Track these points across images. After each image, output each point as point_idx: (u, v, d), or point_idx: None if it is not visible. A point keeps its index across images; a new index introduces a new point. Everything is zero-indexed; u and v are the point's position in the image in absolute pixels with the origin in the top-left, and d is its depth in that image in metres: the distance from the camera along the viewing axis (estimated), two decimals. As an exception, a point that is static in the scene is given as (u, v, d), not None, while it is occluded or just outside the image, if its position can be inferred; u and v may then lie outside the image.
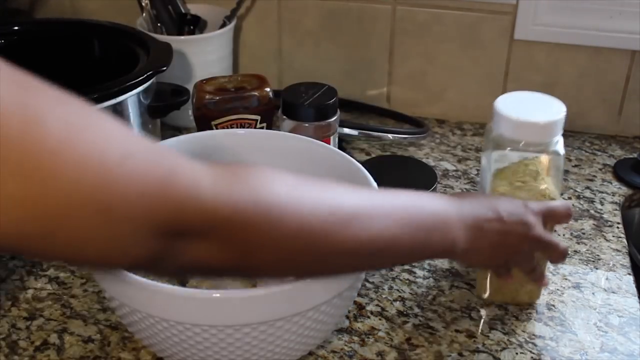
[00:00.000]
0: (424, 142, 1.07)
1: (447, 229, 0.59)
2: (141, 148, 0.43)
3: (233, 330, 0.59)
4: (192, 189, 0.45)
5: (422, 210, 0.58)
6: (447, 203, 0.60)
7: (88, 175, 0.39)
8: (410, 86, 1.13)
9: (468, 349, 0.72)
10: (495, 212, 0.62)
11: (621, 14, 1.01)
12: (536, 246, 0.67)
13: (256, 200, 0.47)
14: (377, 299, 0.78)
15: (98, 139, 0.41)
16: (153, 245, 0.44)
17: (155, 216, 0.43)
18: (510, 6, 1.04)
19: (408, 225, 0.56)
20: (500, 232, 0.62)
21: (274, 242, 0.49)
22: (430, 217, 0.58)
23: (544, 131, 0.70)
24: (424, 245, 0.58)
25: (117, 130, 0.43)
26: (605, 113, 1.08)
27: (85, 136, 0.40)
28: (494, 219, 0.62)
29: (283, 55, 1.15)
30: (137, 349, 0.71)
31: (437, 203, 0.60)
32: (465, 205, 0.62)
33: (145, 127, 0.92)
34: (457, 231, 0.59)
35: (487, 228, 0.61)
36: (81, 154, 0.39)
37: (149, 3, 1.07)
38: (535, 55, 1.06)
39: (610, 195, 0.96)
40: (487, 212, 0.62)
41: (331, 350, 0.71)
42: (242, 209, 0.47)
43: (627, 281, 0.81)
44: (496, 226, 0.62)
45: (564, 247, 0.69)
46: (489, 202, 0.64)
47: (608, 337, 0.73)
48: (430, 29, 1.08)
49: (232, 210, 0.46)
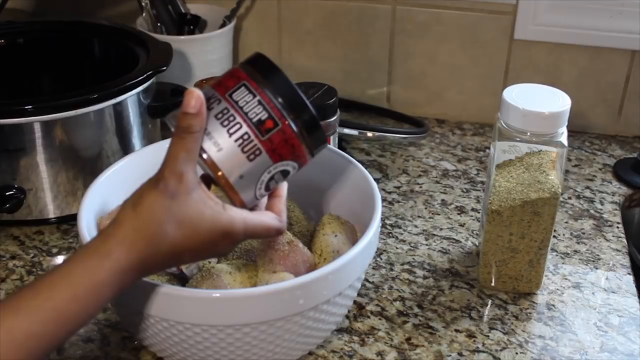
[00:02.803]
0: (424, 142, 1.07)
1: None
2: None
3: (233, 330, 0.59)
4: None
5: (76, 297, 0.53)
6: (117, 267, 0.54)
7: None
8: (410, 86, 1.13)
9: (468, 348, 0.72)
10: (182, 257, 0.57)
11: (621, 14, 1.01)
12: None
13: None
14: (377, 299, 0.78)
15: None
16: None
17: None
18: (510, 6, 1.04)
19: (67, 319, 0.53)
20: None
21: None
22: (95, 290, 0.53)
23: (549, 121, 0.72)
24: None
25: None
26: (605, 113, 1.08)
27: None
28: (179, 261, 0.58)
29: (283, 55, 1.15)
30: (137, 349, 0.71)
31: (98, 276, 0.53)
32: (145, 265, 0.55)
33: (145, 127, 0.92)
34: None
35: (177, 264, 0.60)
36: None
37: (149, 3, 1.08)
38: (535, 55, 1.06)
39: (610, 195, 0.96)
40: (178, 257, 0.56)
41: (331, 350, 0.71)
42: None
43: (627, 281, 0.81)
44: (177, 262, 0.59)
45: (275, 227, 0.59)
46: (172, 258, 0.56)
47: (608, 337, 0.73)
48: (430, 29, 1.08)
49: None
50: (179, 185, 0.54)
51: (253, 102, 0.56)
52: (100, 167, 0.78)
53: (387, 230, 0.88)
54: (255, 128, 0.55)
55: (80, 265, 0.53)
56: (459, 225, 0.90)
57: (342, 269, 0.62)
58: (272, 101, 0.56)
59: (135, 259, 0.54)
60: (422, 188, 0.97)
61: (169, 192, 0.54)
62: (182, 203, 0.54)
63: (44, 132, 0.83)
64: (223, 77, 0.58)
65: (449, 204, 0.93)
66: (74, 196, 0.87)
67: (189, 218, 0.54)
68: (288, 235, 0.68)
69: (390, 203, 0.94)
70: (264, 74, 0.56)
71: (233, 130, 0.55)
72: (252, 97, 0.56)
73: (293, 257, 0.67)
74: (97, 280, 0.53)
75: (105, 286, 0.53)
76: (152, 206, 0.54)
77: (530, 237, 0.74)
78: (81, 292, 0.52)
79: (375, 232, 0.66)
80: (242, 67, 0.57)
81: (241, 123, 0.55)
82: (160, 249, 0.54)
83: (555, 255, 0.85)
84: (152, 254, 0.54)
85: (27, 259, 0.83)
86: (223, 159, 0.55)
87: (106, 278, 0.53)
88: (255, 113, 0.55)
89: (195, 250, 0.55)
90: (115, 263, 0.53)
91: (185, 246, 0.55)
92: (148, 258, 0.54)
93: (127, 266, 0.54)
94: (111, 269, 0.53)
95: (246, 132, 0.55)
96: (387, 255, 0.84)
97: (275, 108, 0.56)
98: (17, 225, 0.87)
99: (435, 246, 0.86)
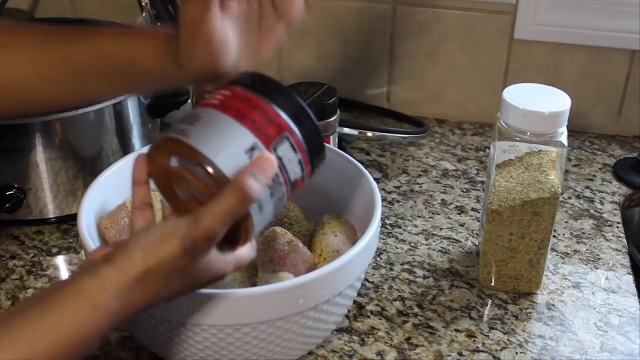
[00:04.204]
0: (424, 142, 1.07)
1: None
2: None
3: (233, 330, 0.59)
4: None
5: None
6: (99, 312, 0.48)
7: None
8: (410, 86, 1.13)
9: (468, 348, 0.72)
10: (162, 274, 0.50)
11: (621, 14, 1.01)
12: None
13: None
14: (377, 299, 0.78)
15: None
16: None
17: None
18: (510, 6, 1.04)
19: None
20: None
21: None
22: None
23: (549, 121, 0.72)
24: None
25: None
26: (605, 113, 1.08)
27: None
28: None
29: (283, 55, 1.15)
30: (137, 349, 0.71)
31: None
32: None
33: (145, 127, 0.92)
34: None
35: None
36: None
37: (149, 3, 1.07)
38: (535, 55, 1.06)
39: (610, 195, 0.96)
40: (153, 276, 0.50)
41: (331, 350, 0.71)
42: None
43: (627, 281, 0.81)
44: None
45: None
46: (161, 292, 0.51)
47: (608, 337, 0.73)
48: (430, 29, 1.08)
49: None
50: (206, 247, 0.49)
51: (294, 162, 0.51)
52: (100, 167, 0.78)
53: (387, 230, 0.88)
54: (290, 188, 0.51)
55: (68, 310, 0.48)
56: (459, 225, 0.90)
57: (342, 269, 0.62)
58: (307, 156, 0.51)
59: (130, 313, 0.50)
60: (422, 188, 0.97)
61: (194, 253, 0.48)
62: (198, 265, 0.50)
63: (44, 132, 0.83)
64: (259, 116, 0.50)
65: (449, 204, 0.93)
66: (74, 196, 0.87)
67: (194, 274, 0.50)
68: (288, 235, 0.68)
69: (390, 203, 0.94)
70: (298, 121, 0.51)
71: (275, 192, 0.50)
72: (294, 154, 0.51)
73: (293, 257, 0.67)
74: (84, 330, 0.48)
75: (93, 336, 0.48)
76: (169, 265, 0.49)
77: (531, 237, 0.74)
78: (64, 342, 0.47)
79: (375, 232, 0.66)
80: (277, 107, 0.51)
81: (282, 185, 0.50)
82: (154, 302, 0.51)
83: (556, 255, 0.85)
84: (145, 306, 0.50)
85: (27, 259, 0.83)
86: (260, 222, 0.50)
87: (94, 328, 0.48)
88: (294, 174, 0.51)
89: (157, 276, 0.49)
90: (110, 317, 0.48)
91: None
92: (138, 310, 0.50)
93: (122, 317, 0.49)
94: (103, 321, 0.48)
95: (284, 193, 0.51)
96: (387, 255, 0.84)
97: (308, 164, 0.51)
98: (17, 225, 0.87)
99: (435, 246, 0.86)
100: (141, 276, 0.48)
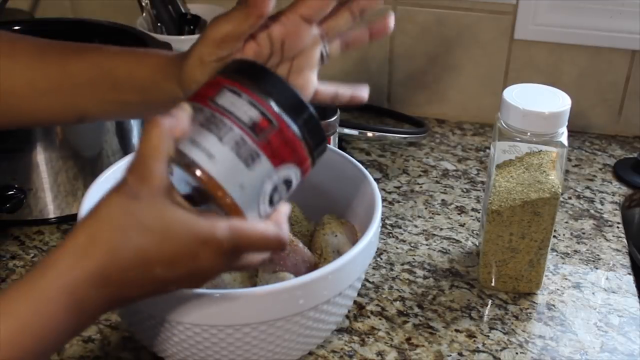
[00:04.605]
0: (424, 142, 1.07)
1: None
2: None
3: (233, 330, 0.59)
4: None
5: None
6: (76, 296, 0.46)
7: None
8: (410, 86, 1.13)
9: (468, 348, 0.72)
10: (151, 275, 0.48)
11: (621, 14, 1.01)
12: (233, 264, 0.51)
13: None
14: (377, 299, 0.78)
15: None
16: None
17: None
18: (510, 6, 1.04)
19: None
20: (159, 290, 0.50)
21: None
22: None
23: (549, 121, 0.72)
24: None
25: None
26: (605, 113, 1.08)
27: None
28: (147, 283, 0.48)
29: (283, 55, 1.15)
30: (137, 349, 0.71)
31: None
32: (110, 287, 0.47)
33: (145, 127, 0.92)
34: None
35: (138, 295, 0.49)
36: None
37: (149, 3, 1.08)
38: (535, 55, 1.06)
39: (610, 195, 0.96)
40: (138, 280, 0.48)
41: (331, 350, 0.71)
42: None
43: (627, 281, 0.81)
44: (152, 288, 0.49)
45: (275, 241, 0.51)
46: (143, 265, 0.47)
47: (608, 337, 0.73)
48: (430, 29, 1.08)
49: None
50: (142, 186, 0.46)
51: (241, 103, 0.50)
52: (100, 167, 0.78)
53: (387, 230, 0.88)
54: (248, 129, 0.49)
55: (23, 286, 0.46)
56: (459, 225, 0.90)
57: (342, 269, 0.62)
58: (264, 100, 0.50)
59: (91, 268, 0.46)
60: (422, 188, 0.97)
61: (130, 193, 0.46)
62: (147, 205, 0.46)
63: (44, 132, 0.83)
64: (199, 89, 0.51)
65: (449, 204, 0.93)
66: (74, 196, 0.87)
67: (157, 221, 0.46)
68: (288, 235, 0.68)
69: (390, 203, 0.94)
70: (249, 75, 0.51)
71: (224, 135, 0.48)
72: (238, 97, 0.50)
73: (293, 257, 0.67)
74: (42, 298, 0.45)
75: (53, 304, 0.45)
76: (111, 209, 0.46)
77: (531, 237, 0.74)
78: (27, 319, 0.45)
79: (375, 232, 0.66)
80: (220, 74, 0.52)
81: (232, 126, 0.49)
82: (122, 257, 0.46)
83: (556, 255, 0.85)
84: (113, 264, 0.46)
85: (27, 259, 0.83)
86: (218, 169, 0.48)
87: (53, 294, 0.45)
88: (246, 113, 0.49)
89: (169, 261, 0.47)
90: (64, 275, 0.45)
91: (155, 255, 0.47)
92: (109, 268, 0.46)
93: (81, 277, 0.45)
94: (58, 281, 0.45)
95: (239, 135, 0.49)
96: (387, 255, 0.84)
97: (268, 107, 0.50)
98: (17, 225, 0.87)
99: (435, 246, 0.86)
100: (89, 229, 0.47)
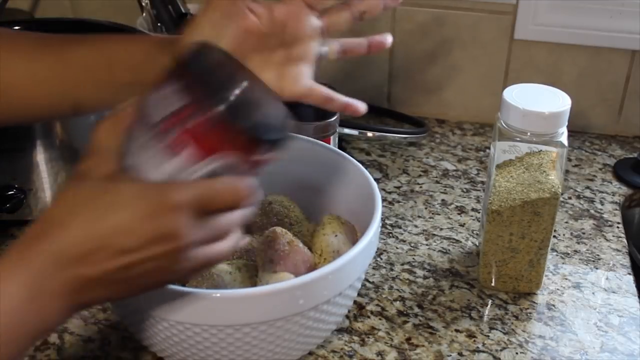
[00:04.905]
0: (424, 142, 1.07)
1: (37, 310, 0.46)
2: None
3: (233, 330, 0.59)
4: None
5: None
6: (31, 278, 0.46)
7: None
8: (410, 86, 1.13)
9: (468, 348, 0.72)
10: (109, 246, 0.46)
11: (621, 14, 1.01)
12: (197, 256, 0.49)
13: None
14: (377, 299, 0.78)
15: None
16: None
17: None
18: (510, 6, 1.04)
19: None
20: (125, 267, 0.47)
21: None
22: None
23: (549, 121, 0.72)
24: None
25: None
26: (605, 113, 1.08)
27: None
28: (107, 257, 0.47)
29: (283, 55, 1.15)
30: (137, 349, 0.71)
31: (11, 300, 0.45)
32: (63, 260, 0.46)
33: (145, 127, 0.92)
34: (49, 302, 0.46)
35: (100, 273, 0.47)
36: None
37: (149, 3, 1.07)
38: (535, 55, 1.06)
39: (610, 195, 0.96)
40: (95, 254, 0.46)
41: (331, 350, 0.71)
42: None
43: (627, 281, 0.81)
44: (115, 264, 0.47)
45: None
46: (98, 236, 0.46)
47: (608, 337, 0.73)
48: (430, 29, 1.08)
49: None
50: (92, 168, 0.48)
51: (161, 97, 0.47)
52: (100, 167, 0.78)
53: (387, 230, 0.88)
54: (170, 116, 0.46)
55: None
56: (459, 225, 0.90)
57: (342, 269, 0.62)
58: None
59: (45, 245, 0.46)
60: (422, 188, 0.97)
61: (81, 175, 0.48)
62: (95, 181, 0.47)
63: (44, 132, 0.83)
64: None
65: (449, 204, 0.93)
66: (74, 196, 0.87)
67: (105, 195, 0.47)
68: (288, 235, 0.68)
69: (390, 203, 0.94)
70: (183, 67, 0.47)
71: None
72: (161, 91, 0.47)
73: (293, 257, 0.67)
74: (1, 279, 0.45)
75: (14, 286, 0.45)
76: (64, 193, 0.48)
77: (531, 237, 0.74)
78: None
79: (375, 232, 0.66)
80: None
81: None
82: (74, 233, 0.46)
83: (555, 255, 0.85)
84: (65, 239, 0.46)
85: (27, 259, 0.83)
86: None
87: (11, 275, 0.45)
88: (170, 105, 0.46)
89: (126, 229, 0.46)
90: (23, 256, 0.46)
91: (106, 224, 0.46)
92: (61, 243, 0.46)
93: (36, 255, 0.45)
94: (18, 261, 0.46)
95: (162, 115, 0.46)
96: (387, 255, 0.84)
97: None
98: (17, 225, 0.87)
99: (435, 246, 0.86)
100: (43, 215, 0.48)
